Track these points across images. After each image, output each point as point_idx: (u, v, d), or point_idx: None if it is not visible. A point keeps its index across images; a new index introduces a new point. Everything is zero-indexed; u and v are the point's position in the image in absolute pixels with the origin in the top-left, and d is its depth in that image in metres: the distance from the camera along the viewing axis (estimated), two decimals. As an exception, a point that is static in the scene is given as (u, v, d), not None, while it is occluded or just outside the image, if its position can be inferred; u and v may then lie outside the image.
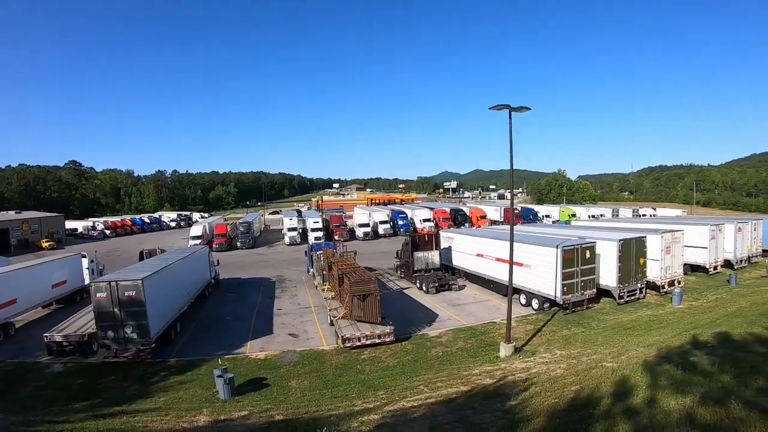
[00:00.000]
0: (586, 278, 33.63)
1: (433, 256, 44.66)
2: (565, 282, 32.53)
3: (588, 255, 33.52)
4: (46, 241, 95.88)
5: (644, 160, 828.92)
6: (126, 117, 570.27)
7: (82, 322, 30.63)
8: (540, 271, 34.19)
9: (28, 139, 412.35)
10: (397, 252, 49.22)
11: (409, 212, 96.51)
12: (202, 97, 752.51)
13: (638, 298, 36.51)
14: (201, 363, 26.52)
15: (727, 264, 48.30)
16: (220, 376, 21.09)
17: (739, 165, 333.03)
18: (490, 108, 23.80)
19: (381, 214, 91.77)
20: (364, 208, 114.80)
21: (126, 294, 26.51)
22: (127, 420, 18.29)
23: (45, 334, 28.95)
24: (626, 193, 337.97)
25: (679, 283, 39.38)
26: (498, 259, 38.66)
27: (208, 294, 44.66)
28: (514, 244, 36.26)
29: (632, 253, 35.62)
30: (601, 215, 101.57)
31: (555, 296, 33.02)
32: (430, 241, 45.37)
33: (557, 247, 32.48)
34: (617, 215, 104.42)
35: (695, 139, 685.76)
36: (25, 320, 36.81)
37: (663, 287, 38.28)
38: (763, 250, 55.22)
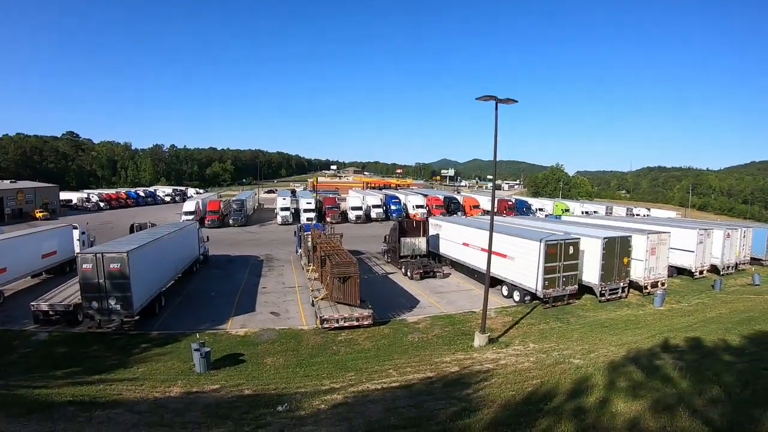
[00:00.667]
0: (569, 274, 33.91)
1: (420, 243, 45.04)
2: (547, 276, 32.82)
3: (572, 251, 33.77)
4: (40, 212, 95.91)
5: (644, 159, 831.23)
6: (126, 88, 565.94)
7: (69, 292, 30.99)
8: (523, 264, 34.49)
9: (26, 106, 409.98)
10: (385, 237, 49.40)
11: (402, 198, 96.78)
12: (203, 72, 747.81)
13: (620, 297, 36.87)
14: (182, 337, 27.01)
15: (714, 269, 48.43)
16: (197, 349, 21.58)
17: (738, 171, 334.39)
18: (476, 98, 23.97)
19: (374, 198, 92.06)
20: (358, 191, 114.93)
21: (111, 266, 26.85)
22: (104, 388, 18.88)
23: (31, 303, 29.33)
24: (623, 191, 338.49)
25: (662, 284, 39.75)
26: (483, 249, 38.33)
27: (196, 270, 45.09)
28: (499, 235, 37.02)
29: (616, 251, 35.85)
30: (595, 212, 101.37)
31: (536, 290, 33.35)
32: (418, 227, 45.77)
33: (541, 241, 32.74)
34: (611, 213, 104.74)
35: (696, 142, 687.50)
36: (15, 289, 37.15)
37: (646, 288, 38.57)
38: (752, 258, 55.32)
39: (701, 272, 46.43)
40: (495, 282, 37.44)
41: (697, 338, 22.89)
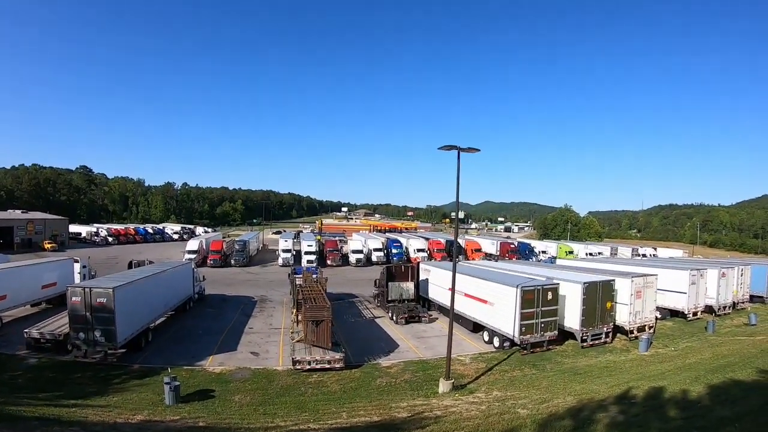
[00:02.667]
0: (547, 320, 33.90)
1: (408, 287, 45.69)
2: (524, 322, 32.90)
3: (550, 296, 33.83)
4: (48, 243, 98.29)
5: (655, 198, 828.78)
6: (143, 126, 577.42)
7: (61, 323, 32.72)
8: (501, 309, 34.66)
9: (43, 138, 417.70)
10: (375, 281, 50.01)
11: (404, 241, 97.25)
12: (218, 112, 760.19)
13: (605, 342, 36.62)
14: (161, 371, 27.92)
15: (711, 310, 47.90)
16: (167, 383, 22.48)
17: (750, 205, 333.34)
18: (439, 148, 25.02)
19: (376, 242, 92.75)
20: (361, 234, 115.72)
21: (98, 300, 28.56)
22: (75, 411, 20.07)
23: (25, 330, 31.81)
24: (634, 230, 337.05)
25: (650, 328, 39.44)
26: (466, 295, 39.08)
27: (189, 307, 46.20)
28: (479, 280, 37.83)
29: (598, 296, 35.78)
30: (599, 253, 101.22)
31: (513, 335, 33.39)
32: (406, 272, 46.51)
33: (517, 287, 32.92)
34: (616, 254, 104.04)
35: (708, 178, 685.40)
36: (14, 316, 39.71)
37: (632, 332, 38.21)
38: (752, 296, 54.47)
39: (695, 314, 45.84)
40: (478, 327, 38.02)
41: (659, 388, 23.04)
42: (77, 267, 49.68)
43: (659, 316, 44.94)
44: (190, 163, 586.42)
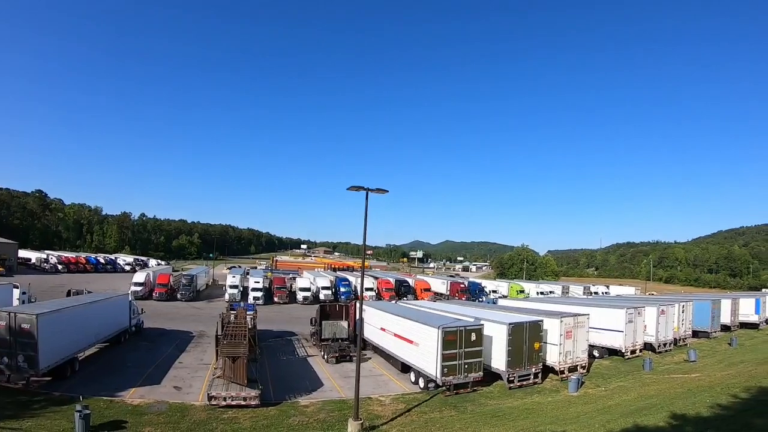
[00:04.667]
0: (471, 360, 34.01)
1: (342, 326, 46.28)
2: (446, 363, 32.95)
3: (474, 337, 34.00)
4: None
5: (613, 236, 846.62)
6: (106, 155, 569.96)
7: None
8: (425, 350, 34.79)
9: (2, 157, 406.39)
10: (311, 319, 50.50)
11: (353, 280, 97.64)
12: (181, 145, 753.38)
13: (534, 383, 36.67)
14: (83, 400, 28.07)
15: (651, 347, 48.43)
16: (78, 411, 22.81)
17: (705, 241, 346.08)
18: (348, 188, 26.37)
19: (324, 280, 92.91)
20: (311, 272, 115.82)
21: (21, 326, 28.97)
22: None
23: None
24: (592, 268, 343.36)
25: (582, 368, 39.75)
26: (396, 335, 39.80)
27: (124, 340, 46.10)
28: (405, 320, 38.66)
29: (525, 337, 36.01)
30: (551, 292, 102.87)
31: (436, 376, 33.38)
32: (340, 310, 47.22)
33: (439, 328, 33.21)
34: (567, 292, 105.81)
35: (664, 216, 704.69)
36: None
37: (563, 372, 38.37)
38: (695, 331, 55.59)
39: (633, 352, 46.13)
40: (406, 368, 38.25)
41: (562, 432, 23.84)
42: (16, 293, 49.31)
43: (597, 354, 45.94)
44: (149, 193, 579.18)
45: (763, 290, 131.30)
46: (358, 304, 50.57)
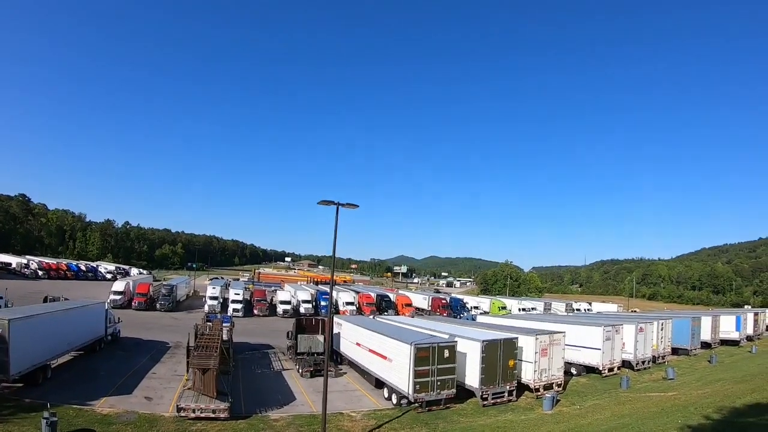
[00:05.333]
0: (444, 377, 33.94)
1: (318, 340, 46.21)
2: (418, 380, 32.93)
3: (447, 354, 34.00)
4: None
5: (598, 253, 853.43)
6: (96, 162, 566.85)
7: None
8: (398, 366, 34.73)
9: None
10: (288, 333, 50.39)
11: (334, 294, 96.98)
12: (166, 153, 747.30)
13: (509, 401, 36.46)
14: (51, 407, 27.89)
15: (629, 365, 48.34)
16: (45, 418, 22.91)
17: (689, 259, 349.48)
18: (318, 203, 27.05)
19: (305, 294, 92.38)
20: (292, 285, 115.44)
21: None
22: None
23: None
24: (576, 285, 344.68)
25: (558, 386, 39.61)
26: (370, 350, 39.84)
27: (99, 348, 46.02)
28: (378, 335, 38.78)
29: (499, 354, 35.90)
30: (533, 308, 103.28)
31: (408, 392, 33.26)
32: (316, 325, 47.14)
33: (411, 344, 33.19)
34: (549, 309, 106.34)
35: (648, 234, 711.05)
36: None
37: (538, 390, 38.10)
38: (674, 349, 55.63)
39: (611, 369, 45.85)
40: (380, 383, 38.11)
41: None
42: (-7, 299, 49.21)
43: (575, 372, 46.11)
44: (134, 202, 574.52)
45: (746, 307, 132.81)
46: (335, 319, 51.17)
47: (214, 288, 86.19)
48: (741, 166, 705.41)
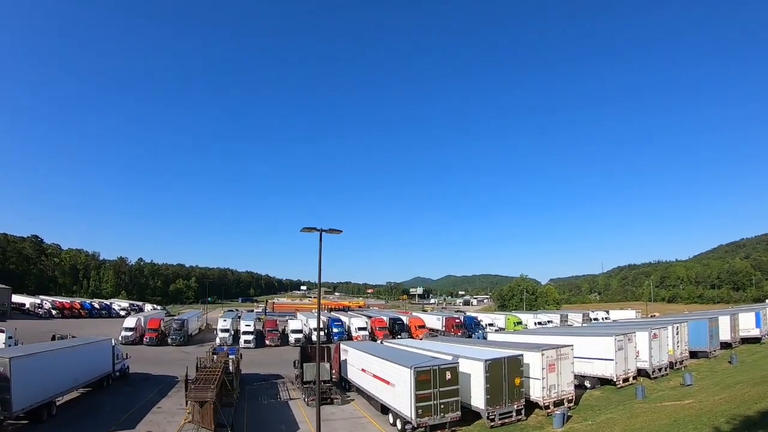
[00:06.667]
0: (448, 400, 32.91)
1: (324, 368, 46.04)
2: (420, 404, 31.97)
3: (449, 376, 33.07)
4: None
5: (615, 259, 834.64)
6: (106, 200, 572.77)
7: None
8: (400, 390, 34.18)
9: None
10: (294, 362, 50.27)
11: (346, 320, 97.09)
12: (178, 188, 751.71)
13: (518, 420, 35.13)
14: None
15: (646, 373, 46.40)
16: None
17: (706, 257, 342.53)
18: (301, 230, 27.43)
19: (316, 321, 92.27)
20: (303, 314, 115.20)
21: None
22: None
23: None
24: (594, 294, 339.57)
25: (569, 401, 38.16)
26: (375, 376, 39.38)
27: (107, 384, 46.29)
28: (380, 360, 38.32)
29: (504, 373, 34.76)
30: (549, 321, 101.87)
31: (410, 418, 32.60)
32: (322, 352, 47.14)
33: (411, 368, 32.43)
34: (566, 321, 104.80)
35: (664, 235, 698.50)
36: None
37: (547, 407, 36.58)
38: (692, 352, 53.65)
39: (626, 380, 44.08)
40: (386, 409, 37.49)
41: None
42: (2, 337, 49.91)
43: (589, 385, 44.61)
44: (147, 239, 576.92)
45: (766, 302, 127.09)
46: (342, 345, 50.96)
47: (225, 320, 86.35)
48: (752, 159, 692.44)
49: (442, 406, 33.01)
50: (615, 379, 43.75)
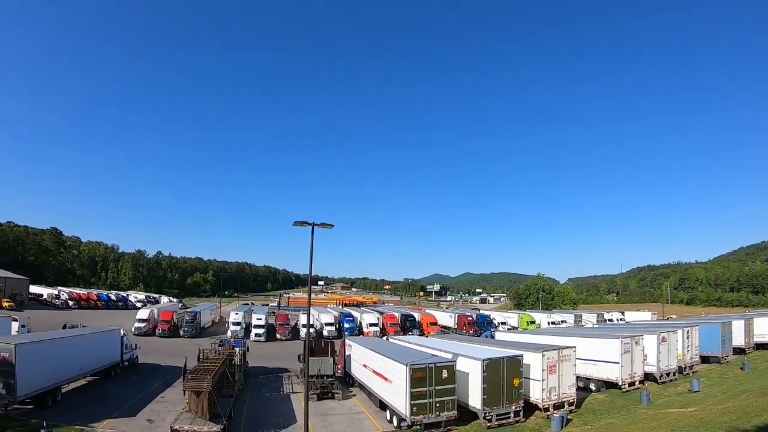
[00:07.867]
0: (443, 399, 32.53)
1: (327, 363, 46.26)
2: (415, 402, 31.71)
3: (446, 374, 32.75)
4: (6, 301, 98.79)
5: (634, 260, 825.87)
6: (127, 195, 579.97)
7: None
8: (397, 387, 33.79)
9: (21, 197, 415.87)
10: (299, 356, 50.48)
11: (357, 315, 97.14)
12: (200, 183, 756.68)
13: (516, 421, 34.49)
14: (54, 428, 29.05)
15: (653, 378, 45.56)
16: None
17: (726, 260, 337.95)
18: (294, 224, 27.58)
19: (328, 316, 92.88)
20: (318, 308, 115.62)
21: (1, 355, 30.34)
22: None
23: None
24: (612, 294, 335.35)
25: (570, 404, 37.51)
26: (374, 372, 39.34)
27: (115, 373, 47.21)
28: (378, 355, 38.38)
29: (502, 373, 34.08)
30: (562, 321, 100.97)
31: (405, 415, 32.12)
32: (326, 347, 47.31)
33: (407, 365, 32.17)
34: (580, 321, 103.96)
35: (684, 236, 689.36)
36: None
37: (547, 409, 35.96)
38: (703, 357, 52.59)
39: (632, 384, 43.21)
40: (384, 405, 37.24)
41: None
42: (15, 326, 50.91)
43: (594, 388, 43.90)
44: (167, 232, 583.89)
45: None
46: (347, 341, 51.28)
47: (237, 314, 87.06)
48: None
49: (437, 405, 32.65)
50: (620, 383, 42.78)
